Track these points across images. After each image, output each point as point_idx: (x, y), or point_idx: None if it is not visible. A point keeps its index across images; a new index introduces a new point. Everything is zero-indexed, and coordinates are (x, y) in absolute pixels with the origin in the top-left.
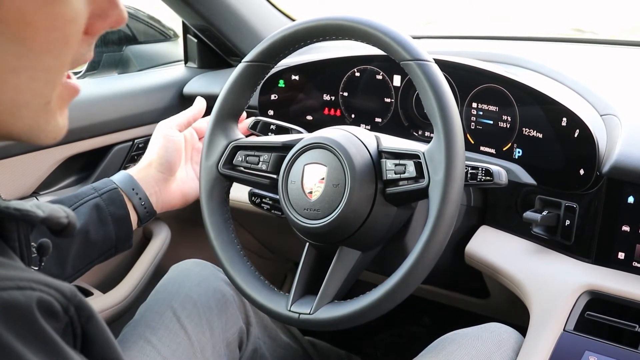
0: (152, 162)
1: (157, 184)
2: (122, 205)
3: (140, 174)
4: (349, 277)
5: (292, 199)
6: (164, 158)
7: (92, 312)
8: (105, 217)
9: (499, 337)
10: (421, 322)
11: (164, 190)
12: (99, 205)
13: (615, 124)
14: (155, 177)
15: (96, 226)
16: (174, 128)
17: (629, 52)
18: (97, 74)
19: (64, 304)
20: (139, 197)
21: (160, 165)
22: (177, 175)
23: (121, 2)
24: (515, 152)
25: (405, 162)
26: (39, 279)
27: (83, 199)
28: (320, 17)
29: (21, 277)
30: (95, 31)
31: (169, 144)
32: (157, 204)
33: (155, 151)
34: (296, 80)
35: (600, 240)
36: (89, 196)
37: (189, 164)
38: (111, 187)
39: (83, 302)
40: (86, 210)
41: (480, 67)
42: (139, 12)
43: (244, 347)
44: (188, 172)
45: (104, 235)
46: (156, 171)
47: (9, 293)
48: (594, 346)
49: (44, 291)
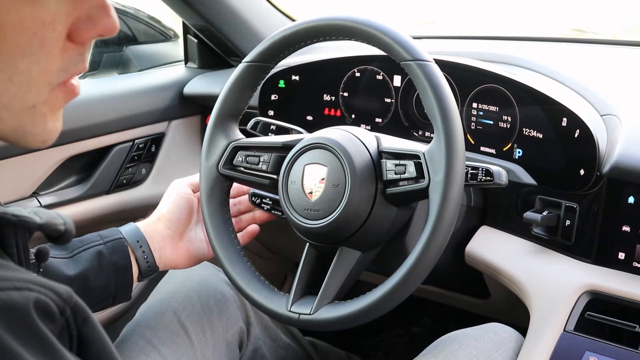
0: (162, 217)
1: (163, 239)
2: (124, 255)
3: (148, 227)
4: (349, 278)
5: (292, 199)
6: (173, 215)
7: (88, 314)
8: (107, 265)
9: (499, 338)
10: (421, 323)
11: (169, 248)
12: (102, 252)
13: (616, 124)
14: (162, 233)
15: (96, 273)
16: (187, 187)
17: (630, 52)
18: (98, 74)
19: (60, 305)
20: (143, 250)
21: (168, 221)
22: (186, 235)
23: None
24: (515, 152)
25: (406, 163)
26: (36, 280)
27: (87, 245)
28: (321, 17)
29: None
30: (83, 39)
31: (181, 201)
32: (160, 261)
33: (165, 207)
34: (296, 80)
35: (601, 240)
36: (93, 242)
37: (199, 225)
38: (116, 236)
39: (79, 304)
40: (88, 256)
41: (480, 67)
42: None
43: (244, 347)
44: (197, 233)
45: (104, 284)
46: (164, 227)
47: (6, 293)
48: (594, 346)
49: (40, 292)
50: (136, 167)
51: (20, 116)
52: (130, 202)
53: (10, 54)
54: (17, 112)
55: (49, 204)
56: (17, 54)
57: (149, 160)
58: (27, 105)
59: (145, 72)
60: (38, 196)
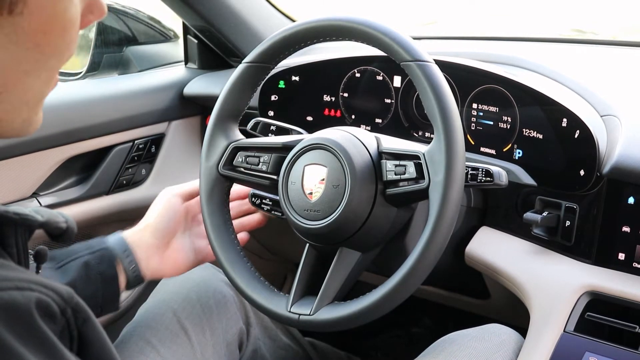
0: (148, 226)
1: (149, 249)
2: (111, 265)
3: (135, 237)
4: (349, 278)
5: (292, 200)
6: (159, 224)
7: (88, 314)
8: (94, 275)
9: (499, 338)
10: (421, 323)
11: (155, 257)
12: (89, 263)
13: (616, 124)
14: (148, 242)
15: (84, 283)
16: (176, 196)
17: (629, 53)
18: (98, 74)
19: (61, 305)
20: (129, 260)
21: (155, 231)
22: (173, 244)
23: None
24: (515, 152)
25: (406, 163)
26: (37, 280)
27: (74, 256)
28: (321, 17)
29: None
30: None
31: (168, 210)
32: (147, 270)
33: (152, 216)
34: (296, 81)
35: (601, 241)
36: (80, 253)
37: (187, 234)
38: (103, 246)
39: (80, 304)
40: (76, 267)
41: (480, 67)
42: (139, 13)
43: (244, 347)
44: (185, 242)
45: (91, 294)
46: (150, 236)
47: (8, 293)
48: (594, 347)
49: (42, 292)
50: (136, 168)
51: (33, 108)
52: (130, 202)
53: (50, 55)
54: (33, 105)
55: (49, 205)
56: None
57: (149, 160)
58: (41, 98)
59: (145, 72)
60: (38, 197)
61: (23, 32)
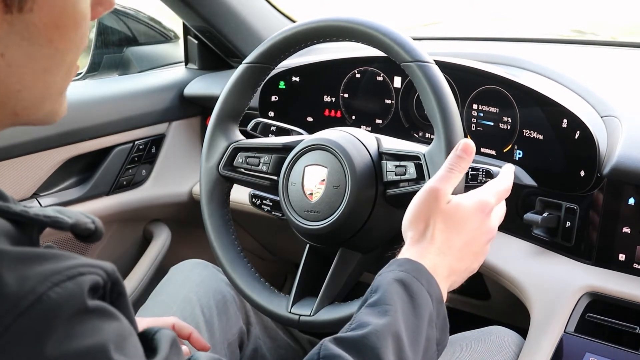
0: None
1: None
2: None
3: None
4: (349, 279)
5: (292, 201)
6: None
7: (123, 289)
8: None
9: (499, 340)
10: None
11: None
12: None
13: (616, 125)
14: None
15: None
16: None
17: (630, 54)
18: (98, 75)
19: (105, 279)
20: None
21: None
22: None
23: None
24: (515, 153)
25: (406, 164)
26: (84, 262)
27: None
28: (321, 18)
29: (68, 266)
30: (93, 18)
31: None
32: None
33: None
34: (297, 81)
35: (601, 241)
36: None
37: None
38: None
39: (119, 280)
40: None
41: (480, 68)
42: (140, 14)
43: (244, 347)
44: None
45: None
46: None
47: (62, 287)
48: (595, 348)
49: (92, 272)
50: (136, 168)
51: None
52: (130, 203)
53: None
54: (55, 98)
55: (49, 205)
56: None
57: (149, 161)
58: (63, 90)
59: (145, 73)
60: (38, 197)
61: (35, 28)
